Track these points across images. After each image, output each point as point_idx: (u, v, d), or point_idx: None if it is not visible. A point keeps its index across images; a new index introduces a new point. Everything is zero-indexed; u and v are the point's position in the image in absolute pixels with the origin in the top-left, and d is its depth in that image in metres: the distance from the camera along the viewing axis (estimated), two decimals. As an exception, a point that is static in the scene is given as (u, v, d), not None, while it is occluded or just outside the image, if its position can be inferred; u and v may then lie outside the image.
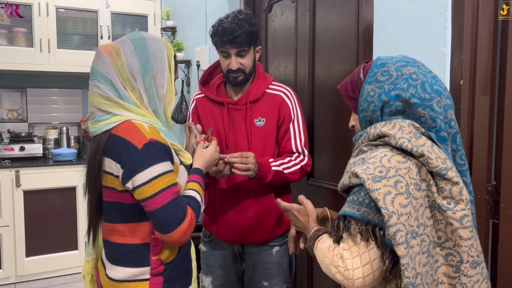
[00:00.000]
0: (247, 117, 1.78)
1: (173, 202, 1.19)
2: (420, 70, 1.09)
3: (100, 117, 1.25)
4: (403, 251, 0.95)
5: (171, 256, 1.31)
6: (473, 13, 1.34)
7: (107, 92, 1.24)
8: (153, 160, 1.18)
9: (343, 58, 1.97)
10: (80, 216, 3.63)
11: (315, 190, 2.21)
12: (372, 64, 1.14)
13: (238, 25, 1.69)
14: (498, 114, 1.38)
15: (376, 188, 0.98)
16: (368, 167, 1.02)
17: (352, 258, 1.00)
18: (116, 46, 1.27)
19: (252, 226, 1.79)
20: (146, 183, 1.17)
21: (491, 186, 1.39)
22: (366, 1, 1.78)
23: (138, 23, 3.99)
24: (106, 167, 1.24)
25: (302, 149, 1.81)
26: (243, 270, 1.91)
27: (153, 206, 1.18)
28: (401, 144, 1.03)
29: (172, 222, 1.18)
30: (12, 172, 3.38)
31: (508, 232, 1.38)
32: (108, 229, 1.32)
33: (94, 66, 1.27)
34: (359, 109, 1.16)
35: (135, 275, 1.27)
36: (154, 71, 1.27)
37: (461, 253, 1.02)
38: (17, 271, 3.42)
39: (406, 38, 1.51)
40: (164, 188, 1.19)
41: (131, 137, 1.19)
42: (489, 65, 1.37)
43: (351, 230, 1.02)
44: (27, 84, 4.00)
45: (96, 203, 1.32)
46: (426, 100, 1.06)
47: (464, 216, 1.02)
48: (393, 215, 0.96)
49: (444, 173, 1.02)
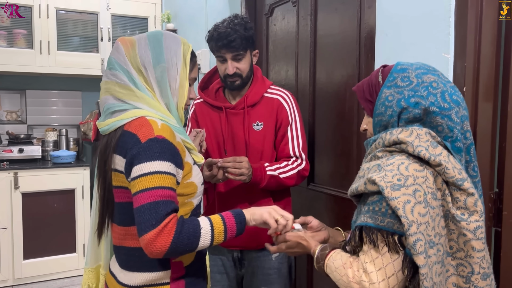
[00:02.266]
0: (245, 121, 1.78)
1: (152, 204, 1.07)
2: (440, 79, 1.08)
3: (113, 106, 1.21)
4: (422, 260, 0.95)
5: (190, 259, 1.26)
6: (476, 19, 1.34)
7: (124, 80, 1.21)
8: (151, 156, 1.11)
9: (344, 63, 1.97)
10: (79, 219, 3.61)
11: (315, 195, 2.20)
12: (392, 68, 1.13)
13: (233, 30, 1.69)
14: (501, 121, 1.37)
15: (396, 197, 0.97)
16: (386, 174, 1.01)
17: (377, 271, 0.99)
18: (132, 40, 1.27)
19: (251, 231, 1.76)
20: (136, 178, 1.10)
21: (493, 193, 1.38)
22: (368, 6, 1.77)
23: (139, 26, 3.98)
24: (117, 165, 1.19)
25: (300, 153, 1.80)
26: (242, 276, 1.90)
27: (135, 203, 1.10)
28: (419, 152, 1.02)
29: (143, 225, 1.07)
30: (10, 174, 3.36)
31: (510, 240, 1.37)
32: (121, 233, 1.24)
33: (112, 56, 1.26)
34: (375, 112, 1.14)
35: (155, 280, 1.21)
36: (167, 63, 1.24)
37: (472, 264, 1.02)
38: (15, 273, 3.40)
39: (409, 44, 1.50)
40: (149, 188, 1.09)
41: (139, 131, 1.14)
42: (492, 71, 1.36)
43: (378, 243, 1.00)
44: (27, 85, 3.99)
45: (107, 204, 1.24)
46: (445, 110, 1.05)
47: (478, 227, 1.01)
48: (413, 224, 0.95)
49: (460, 184, 1.02)
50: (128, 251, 1.24)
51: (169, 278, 1.22)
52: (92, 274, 1.40)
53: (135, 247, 1.22)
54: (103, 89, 1.26)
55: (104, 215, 1.27)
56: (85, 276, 1.40)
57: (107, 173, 1.21)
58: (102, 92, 1.26)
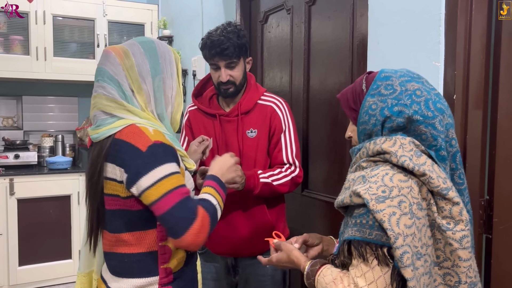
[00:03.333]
0: (239, 129, 1.79)
1: (181, 203, 1.12)
2: (424, 86, 1.07)
3: (103, 121, 1.21)
4: (410, 273, 0.93)
5: (179, 265, 1.27)
6: (466, 28, 1.35)
7: (113, 93, 1.20)
8: (158, 162, 1.13)
9: (337, 70, 1.98)
10: (74, 225, 3.61)
11: (309, 202, 2.21)
12: (375, 76, 1.11)
13: (226, 38, 1.70)
14: (491, 129, 1.38)
15: (381, 209, 0.95)
16: (370, 186, 0.99)
17: (368, 285, 0.97)
18: (124, 48, 1.24)
19: (244, 239, 1.78)
20: (152, 185, 1.12)
21: (484, 200, 1.39)
22: (360, 15, 1.79)
23: (135, 32, 4.00)
24: (109, 173, 1.19)
25: (294, 160, 1.80)
26: (236, 283, 1.89)
27: (161, 209, 1.12)
28: (403, 162, 1.01)
29: (182, 224, 1.11)
30: (6, 180, 3.36)
31: (501, 247, 1.38)
32: (112, 240, 1.25)
33: (101, 66, 1.23)
34: (359, 121, 1.12)
35: (143, 286, 1.22)
36: (163, 73, 1.25)
37: (459, 273, 1.01)
38: (10, 280, 3.40)
39: (400, 52, 1.51)
40: (171, 189, 1.13)
41: (135, 140, 1.14)
42: (482, 79, 1.37)
43: (367, 256, 0.98)
44: (23, 91, 4.00)
45: (97, 212, 1.25)
46: (429, 118, 1.03)
47: (463, 236, 1.00)
48: (399, 237, 0.93)
49: (445, 193, 1.01)
50: (119, 257, 1.25)
51: (157, 284, 1.23)
52: (85, 279, 1.40)
53: (125, 253, 1.23)
54: (92, 104, 1.25)
55: (95, 222, 1.27)
56: (78, 281, 1.40)
57: (99, 181, 1.21)
58: (91, 107, 1.25)
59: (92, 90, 1.25)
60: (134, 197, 1.18)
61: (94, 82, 1.25)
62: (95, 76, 1.25)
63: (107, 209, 1.24)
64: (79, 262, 1.42)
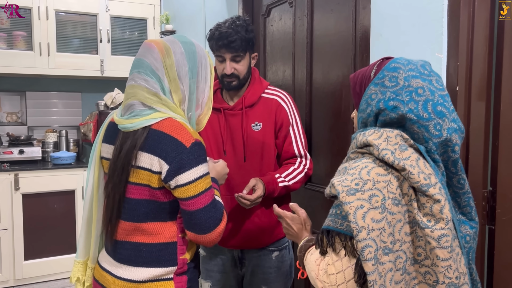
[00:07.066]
0: (243, 122, 1.79)
1: (213, 203, 1.22)
2: (430, 86, 1.02)
3: (140, 112, 1.22)
4: (370, 267, 0.92)
5: (192, 256, 1.33)
6: (469, 19, 1.35)
7: (156, 87, 1.22)
8: (199, 160, 1.20)
9: (340, 63, 1.98)
10: (79, 219, 3.62)
11: (312, 195, 2.21)
12: (386, 64, 1.07)
13: (235, 31, 1.71)
14: (494, 120, 1.39)
15: (349, 201, 0.95)
16: (346, 178, 0.99)
17: (336, 274, 0.98)
18: (166, 45, 1.26)
19: (251, 231, 1.79)
20: (191, 182, 1.18)
21: (487, 191, 1.39)
22: (363, 7, 1.79)
23: (138, 27, 4.00)
24: (142, 162, 1.20)
25: (305, 152, 1.83)
26: (243, 275, 1.91)
27: (195, 206, 1.19)
28: (383, 156, 0.99)
29: (212, 222, 1.21)
30: (11, 175, 3.38)
31: (504, 238, 1.38)
32: (128, 229, 1.27)
33: (143, 58, 1.25)
34: (359, 108, 1.11)
35: (161, 275, 1.25)
36: (199, 77, 1.28)
37: (437, 273, 0.98)
38: (16, 274, 3.42)
39: (403, 44, 1.51)
40: (207, 189, 1.22)
41: (179, 134, 1.19)
42: (484, 71, 1.37)
43: (335, 245, 0.99)
44: (27, 87, 4.01)
45: (119, 201, 1.26)
46: (423, 119, 1.00)
47: (442, 235, 0.97)
48: (363, 230, 0.93)
49: (425, 190, 0.97)
50: (135, 246, 1.26)
51: (173, 273, 1.27)
52: (82, 267, 1.41)
53: (142, 242, 1.26)
54: (130, 93, 1.25)
55: (115, 210, 1.26)
56: (75, 268, 1.41)
57: (128, 169, 1.22)
58: (128, 95, 1.25)
59: (129, 78, 1.26)
60: (164, 189, 1.22)
61: (132, 71, 1.26)
62: (134, 66, 1.26)
63: (130, 197, 1.25)
64: (77, 250, 1.42)
